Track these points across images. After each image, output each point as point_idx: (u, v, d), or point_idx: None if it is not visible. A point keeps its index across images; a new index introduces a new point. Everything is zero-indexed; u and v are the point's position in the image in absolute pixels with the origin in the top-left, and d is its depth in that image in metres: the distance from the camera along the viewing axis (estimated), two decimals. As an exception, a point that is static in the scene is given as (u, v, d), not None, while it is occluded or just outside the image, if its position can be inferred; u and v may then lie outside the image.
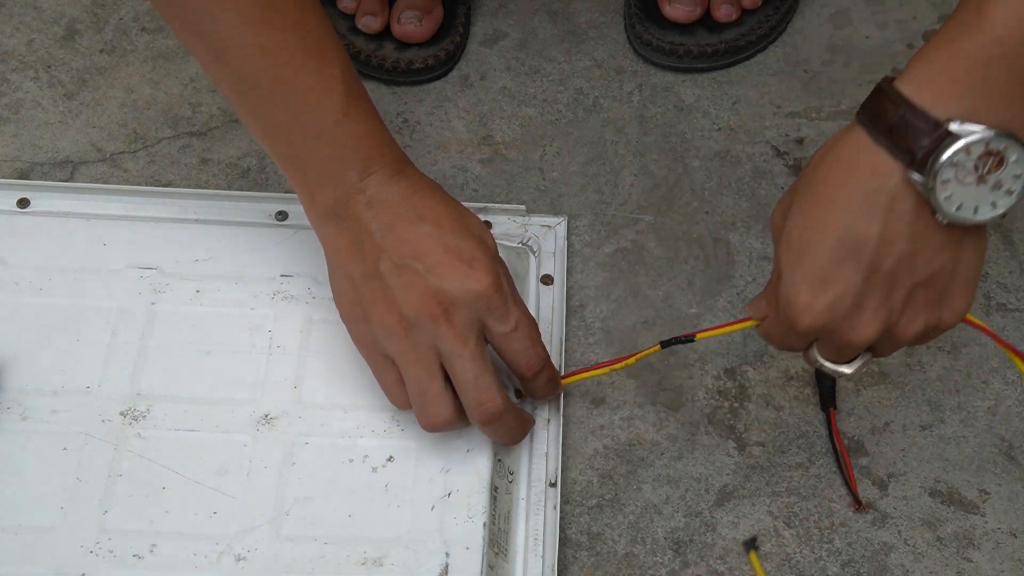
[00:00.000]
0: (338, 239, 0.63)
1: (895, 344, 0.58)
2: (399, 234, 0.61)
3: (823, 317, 0.55)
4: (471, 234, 0.62)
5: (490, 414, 0.62)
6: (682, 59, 0.89)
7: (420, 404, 0.62)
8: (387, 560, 0.63)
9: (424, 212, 0.62)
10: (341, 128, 0.61)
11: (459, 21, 0.90)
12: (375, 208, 0.61)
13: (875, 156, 0.52)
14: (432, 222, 0.61)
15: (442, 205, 0.63)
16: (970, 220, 0.52)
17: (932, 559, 0.68)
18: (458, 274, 0.60)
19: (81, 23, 0.92)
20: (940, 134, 0.50)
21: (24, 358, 0.69)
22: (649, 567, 0.67)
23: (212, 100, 0.87)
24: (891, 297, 0.54)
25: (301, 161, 0.63)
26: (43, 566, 0.62)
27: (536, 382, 0.65)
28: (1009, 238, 0.81)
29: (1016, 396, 0.74)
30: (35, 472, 0.65)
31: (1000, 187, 0.52)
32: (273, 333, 0.71)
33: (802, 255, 0.55)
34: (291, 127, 0.62)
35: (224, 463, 0.66)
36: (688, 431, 0.73)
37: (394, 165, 0.63)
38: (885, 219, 0.52)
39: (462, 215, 0.63)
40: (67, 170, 0.83)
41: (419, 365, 0.61)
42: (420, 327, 0.60)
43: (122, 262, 0.73)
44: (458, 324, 0.60)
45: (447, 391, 0.62)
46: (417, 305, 0.60)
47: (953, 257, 0.54)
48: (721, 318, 0.77)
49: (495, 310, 0.61)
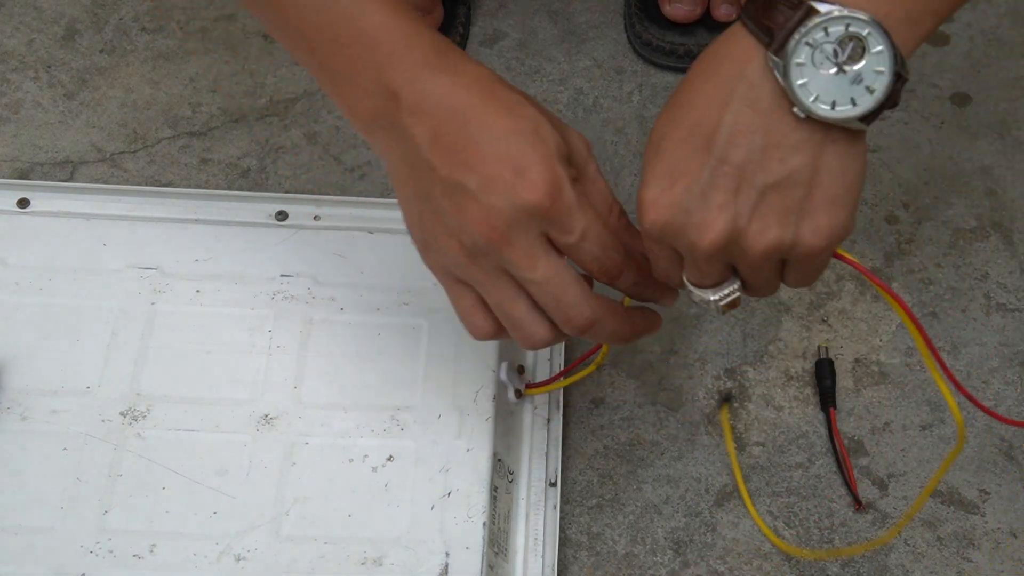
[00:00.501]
0: (390, 151, 0.56)
1: (750, 261, 0.52)
2: (445, 145, 0.53)
3: (667, 213, 0.51)
4: (524, 132, 0.53)
5: (581, 328, 0.55)
6: (682, 59, 0.89)
7: (513, 329, 0.57)
8: (387, 560, 0.63)
9: (470, 114, 0.53)
10: (358, 24, 0.54)
11: (459, 21, 0.90)
12: (416, 115, 0.54)
13: (741, 42, 0.50)
14: (479, 125, 0.53)
15: (490, 100, 0.54)
16: (828, 115, 0.48)
17: (932, 559, 0.68)
18: (508, 188, 0.52)
19: (81, 23, 0.92)
20: (803, 11, 0.47)
21: (24, 358, 0.69)
22: (649, 567, 0.67)
23: (212, 100, 0.87)
24: (739, 196, 0.50)
25: (328, 70, 0.56)
26: (43, 566, 0.62)
27: (620, 286, 0.58)
28: (1009, 238, 0.81)
29: (1016, 396, 0.74)
30: (35, 472, 0.65)
31: (860, 81, 0.48)
32: (273, 333, 0.71)
33: (657, 151, 0.52)
34: (309, 32, 0.55)
35: (224, 463, 0.66)
36: (688, 431, 0.73)
37: (428, 59, 0.54)
38: (739, 107, 0.49)
39: (511, 109, 0.54)
40: (67, 170, 0.83)
41: (497, 291, 0.55)
42: (484, 253, 0.54)
43: (122, 262, 0.73)
44: (521, 246, 0.53)
45: (535, 308, 0.56)
46: (474, 231, 0.53)
47: (811, 162, 0.49)
48: (721, 318, 0.77)
49: (556, 221, 0.53)
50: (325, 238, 0.75)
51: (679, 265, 0.55)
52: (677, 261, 0.54)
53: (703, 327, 0.77)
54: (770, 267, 0.53)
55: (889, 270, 0.80)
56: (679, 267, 0.55)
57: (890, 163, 0.85)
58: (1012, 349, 0.76)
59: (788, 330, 0.77)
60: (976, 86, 0.90)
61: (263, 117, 0.87)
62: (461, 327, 0.71)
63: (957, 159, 0.86)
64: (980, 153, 0.86)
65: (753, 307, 0.78)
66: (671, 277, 0.56)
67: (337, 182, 0.83)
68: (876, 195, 0.84)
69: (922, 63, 0.91)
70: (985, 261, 0.80)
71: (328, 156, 0.84)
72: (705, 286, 0.54)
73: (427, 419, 0.67)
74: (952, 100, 0.89)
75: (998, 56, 0.92)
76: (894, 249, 0.81)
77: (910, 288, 0.79)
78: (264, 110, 0.87)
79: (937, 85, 0.90)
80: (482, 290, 0.56)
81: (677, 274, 0.55)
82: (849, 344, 0.76)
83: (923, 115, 0.88)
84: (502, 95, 0.54)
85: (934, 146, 0.86)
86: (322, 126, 0.86)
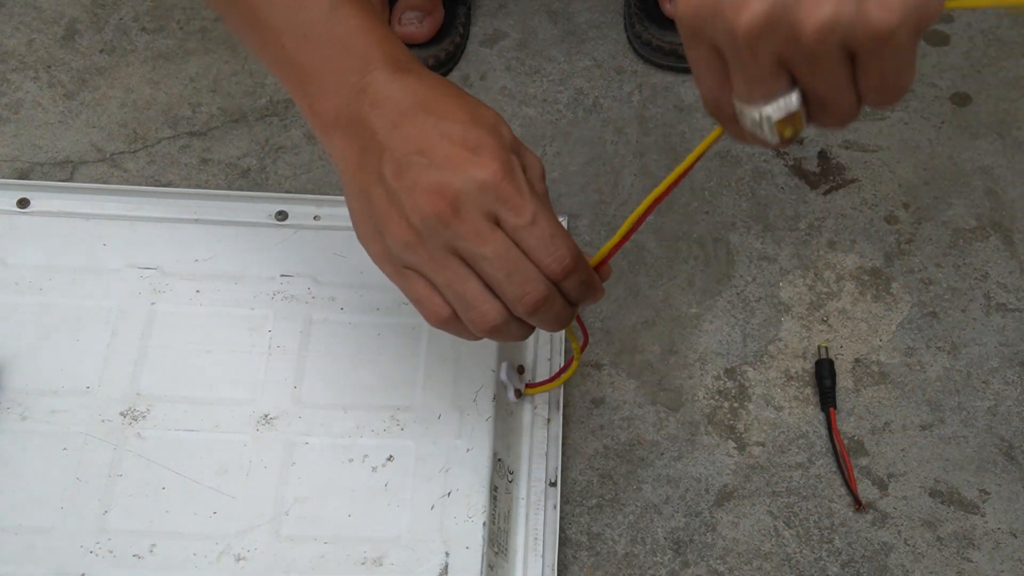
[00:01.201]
0: (345, 150, 0.56)
1: (804, 48, 0.42)
2: (404, 131, 0.54)
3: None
4: (482, 124, 0.54)
5: (535, 304, 0.54)
6: (682, 59, 0.89)
7: (464, 311, 0.56)
8: (387, 560, 0.63)
9: (432, 106, 0.54)
10: (332, 24, 0.55)
11: (459, 21, 0.90)
12: (379, 108, 0.55)
13: None
14: (439, 114, 0.54)
15: (452, 98, 0.55)
16: None
17: (932, 559, 0.68)
18: (461, 162, 0.53)
19: (81, 23, 0.92)
20: None
21: (24, 358, 0.69)
22: (649, 567, 0.67)
23: (212, 100, 0.87)
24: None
25: (296, 67, 0.57)
26: (43, 566, 0.62)
27: (565, 285, 0.56)
28: (1009, 238, 0.81)
29: (1016, 396, 0.74)
30: (35, 472, 0.65)
31: None
32: (273, 333, 0.71)
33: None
34: (281, 28, 0.56)
35: (224, 463, 0.66)
36: (688, 431, 0.72)
37: (398, 62, 0.56)
38: None
39: (475, 107, 0.55)
40: (67, 170, 0.83)
41: (448, 271, 0.55)
42: (433, 230, 0.53)
43: (122, 262, 0.73)
44: (470, 219, 0.53)
45: (486, 288, 0.55)
46: (423, 206, 0.53)
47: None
48: (721, 318, 0.77)
49: (507, 200, 0.53)
50: (325, 238, 0.75)
51: (724, 75, 0.45)
52: (721, 69, 0.45)
53: (703, 327, 0.77)
54: (833, 61, 0.42)
55: (889, 270, 0.80)
56: (724, 78, 0.45)
57: (890, 163, 0.85)
58: (1012, 349, 0.76)
59: (788, 330, 0.77)
60: (976, 86, 0.90)
61: (263, 117, 0.87)
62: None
63: (957, 159, 0.86)
64: (980, 153, 0.86)
65: (753, 307, 0.78)
66: (718, 99, 0.46)
67: (337, 182, 0.83)
68: (876, 195, 0.84)
69: (922, 63, 0.91)
70: (985, 261, 0.80)
71: (328, 156, 0.84)
72: (757, 98, 0.44)
73: (427, 419, 0.67)
74: (952, 100, 0.89)
75: (998, 56, 0.92)
76: (894, 249, 0.81)
77: (910, 288, 0.79)
78: (264, 110, 0.87)
79: (937, 85, 0.90)
80: (431, 273, 0.55)
81: (725, 90, 0.46)
82: (849, 344, 0.76)
83: (923, 115, 0.88)
84: (465, 96, 0.55)
85: (934, 146, 0.86)
86: (322, 126, 0.86)
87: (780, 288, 0.79)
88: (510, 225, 0.53)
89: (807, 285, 0.79)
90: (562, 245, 0.54)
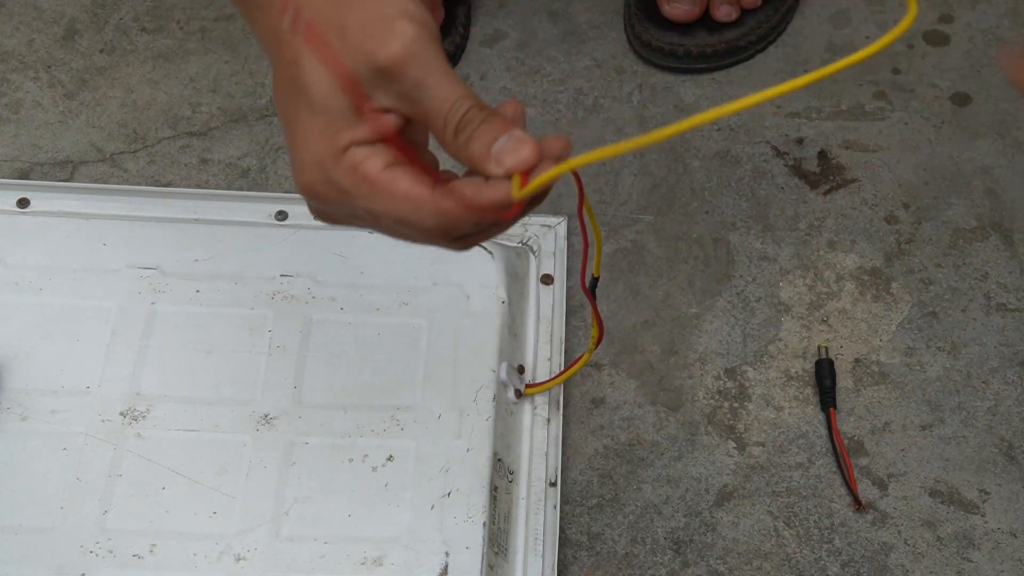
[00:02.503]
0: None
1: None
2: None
3: None
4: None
5: (464, 244, 0.48)
6: (681, 59, 0.89)
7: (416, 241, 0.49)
8: (387, 560, 0.63)
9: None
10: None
11: (459, 21, 0.90)
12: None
13: None
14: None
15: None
16: None
17: (932, 559, 0.68)
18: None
19: (81, 23, 0.92)
20: None
21: (24, 358, 0.69)
22: (649, 567, 0.67)
23: (212, 100, 0.87)
24: None
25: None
26: (43, 566, 0.62)
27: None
28: (1009, 238, 0.81)
29: (1016, 396, 0.74)
30: (35, 472, 0.65)
31: None
32: (273, 333, 0.71)
33: None
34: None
35: (224, 463, 0.66)
36: (688, 431, 0.72)
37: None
38: None
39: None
40: (67, 170, 0.83)
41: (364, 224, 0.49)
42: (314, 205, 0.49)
43: (122, 262, 0.73)
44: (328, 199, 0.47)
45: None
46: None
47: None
48: (721, 318, 0.77)
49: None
50: (325, 238, 0.75)
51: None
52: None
53: (703, 327, 0.77)
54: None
55: (889, 270, 0.80)
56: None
57: (890, 163, 0.85)
58: (1012, 349, 0.76)
59: (788, 330, 0.77)
60: (976, 86, 0.90)
61: (263, 117, 0.87)
62: (460, 327, 0.71)
63: (957, 159, 0.86)
64: (980, 153, 0.86)
65: (753, 307, 0.78)
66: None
67: (337, 182, 0.83)
68: (876, 195, 0.84)
69: (922, 63, 0.91)
70: (985, 261, 0.80)
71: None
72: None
73: (427, 419, 0.67)
74: (952, 100, 0.89)
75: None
76: (894, 249, 0.81)
77: (910, 288, 0.79)
78: (264, 110, 0.87)
79: (937, 85, 0.90)
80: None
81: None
82: (849, 344, 0.76)
83: (923, 115, 0.88)
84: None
85: (934, 146, 0.86)
86: (322, 126, 0.86)
87: (780, 288, 0.79)
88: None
89: (807, 285, 0.79)
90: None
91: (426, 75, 0.44)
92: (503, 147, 0.44)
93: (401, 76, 0.44)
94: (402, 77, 0.44)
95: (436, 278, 0.73)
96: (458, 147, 0.45)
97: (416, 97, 0.45)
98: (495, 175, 0.45)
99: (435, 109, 0.45)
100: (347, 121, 0.45)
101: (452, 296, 0.72)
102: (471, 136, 0.45)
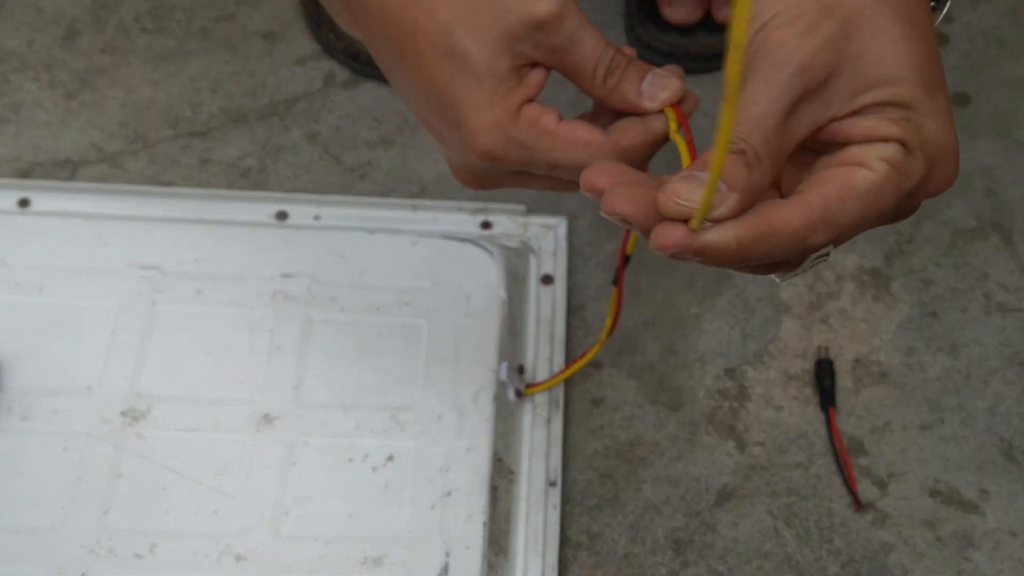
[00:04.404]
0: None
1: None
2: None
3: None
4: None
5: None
6: (682, 61, 0.89)
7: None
8: (387, 560, 0.63)
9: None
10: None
11: (459, 21, 0.90)
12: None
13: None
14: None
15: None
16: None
17: (932, 559, 0.68)
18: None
19: (81, 23, 0.92)
20: None
21: (24, 358, 0.69)
22: (649, 567, 0.67)
23: (212, 100, 0.87)
24: None
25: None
26: (43, 566, 0.62)
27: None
28: (1009, 238, 0.81)
29: (1016, 396, 0.74)
30: (35, 472, 0.65)
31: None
32: (273, 333, 0.71)
33: None
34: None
35: (224, 463, 0.66)
36: (688, 431, 0.73)
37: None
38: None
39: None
40: (68, 170, 0.83)
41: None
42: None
43: (122, 262, 0.73)
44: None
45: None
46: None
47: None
48: (721, 318, 0.77)
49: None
50: (325, 238, 0.75)
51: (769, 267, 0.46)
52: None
53: (703, 327, 0.77)
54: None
55: (889, 270, 0.80)
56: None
57: (890, 163, 0.85)
58: (1012, 349, 0.76)
59: (788, 330, 0.77)
60: (976, 86, 0.90)
61: (263, 117, 0.87)
62: (460, 327, 0.72)
63: (957, 159, 0.86)
64: (980, 153, 0.86)
65: (753, 307, 0.78)
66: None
67: (337, 182, 0.83)
68: (876, 195, 0.84)
69: (922, 63, 0.91)
70: (985, 261, 0.80)
71: (328, 156, 0.84)
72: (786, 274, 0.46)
73: (427, 419, 0.67)
74: (952, 100, 0.89)
75: (998, 56, 0.92)
76: (894, 249, 0.81)
77: (910, 288, 0.79)
78: (264, 110, 0.87)
79: (937, 85, 0.90)
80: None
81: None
82: (849, 344, 0.76)
83: (923, 115, 0.88)
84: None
85: (934, 146, 0.86)
86: (322, 126, 0.86)
87: (780, 288, 0.79)
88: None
89: (807, 285, 0.79)
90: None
91: (578, 26, 0.48)
92: (652, 83, 0.50)
93: (557, 28, 0.47)
94: (558, 29, 0.48)
95: (436, 278, 0.73)
96: (608, 89, 0.50)
97: (569, 48, 0.48)
98: (650, 110, 0.50)
99: (587, 57, 0.49)
100: (513, 81, 0.48)
101: (452, 296, 0.72)
102: (622, 77, 0.50)
